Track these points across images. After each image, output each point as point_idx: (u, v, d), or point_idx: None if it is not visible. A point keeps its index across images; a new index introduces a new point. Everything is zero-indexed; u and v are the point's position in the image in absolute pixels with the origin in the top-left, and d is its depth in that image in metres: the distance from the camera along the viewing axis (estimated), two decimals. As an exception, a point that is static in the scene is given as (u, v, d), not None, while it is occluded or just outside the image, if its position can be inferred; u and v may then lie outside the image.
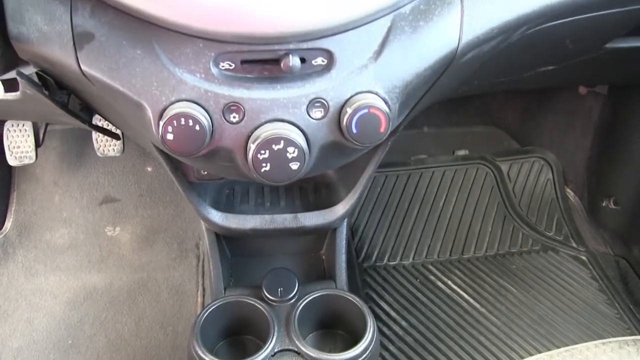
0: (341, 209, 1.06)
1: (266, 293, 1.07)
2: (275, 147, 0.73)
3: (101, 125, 1.34)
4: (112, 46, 0.73)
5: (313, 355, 0.99)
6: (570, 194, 1.78)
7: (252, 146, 0.73)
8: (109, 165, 1.75)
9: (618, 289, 1.52)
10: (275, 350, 1.01)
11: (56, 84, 0.89)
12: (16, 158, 1.56)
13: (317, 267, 1.26)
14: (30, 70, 0.85)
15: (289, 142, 0.73)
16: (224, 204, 1.14)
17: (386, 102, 0.74)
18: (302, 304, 1.06)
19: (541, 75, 1.16)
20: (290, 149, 0.73)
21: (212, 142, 0.74)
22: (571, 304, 1.47)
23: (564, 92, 1.74)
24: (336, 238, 1.17)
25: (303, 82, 0.74)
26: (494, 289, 1.51)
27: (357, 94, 0.74)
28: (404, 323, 1.41)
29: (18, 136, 1.55)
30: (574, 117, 1.74)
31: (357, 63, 0.74)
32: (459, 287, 1.51)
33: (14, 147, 1.55)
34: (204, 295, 1.51)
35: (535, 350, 1.36)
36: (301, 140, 0.74)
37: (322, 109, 0.74)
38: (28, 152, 1.56)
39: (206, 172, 1.07)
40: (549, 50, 1.01)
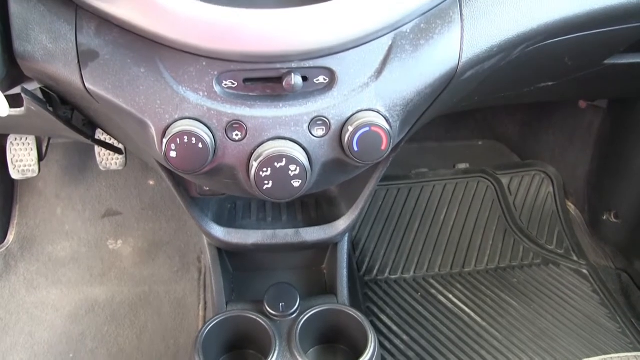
0: (342, 224, 1.07)
1: (268, 308, 1.07)
2: (277, 164, 0.74)
3: (104, 139, 1.35)
4: (116, 64, 0.74)
5: (315, 370, 0.99)
6: (571, 207, 1.78)
7: (254, 164, 0.74)
8: (111, 178, 1.75)
9: (620, 303, 1.52)
10: (277, 364, 1.01)
11: (60, 100, 0.90)
12: (19, 172, 1.57)
13: (319, 281, 1.26)
14: (34, 85, 0.86)
15: (291, 160, 0.73)
16: (226, 219, 1.15)
17: (387, 120, 0.75)
18: (304, 319, 1.06)
19: (541, 91, 1.17)
20: (292, 166, 0.74)
21: (214, 160, 0.75)
22: (573, 318, 1.47)
23: (564, 106, 1.75)
24: (338, 252, 1.17)
25: (305, 100, 0.75)
26: (495, 303, 1.50)
27: (358, 112, 0.75)
28: (405, 337, 1.41)
29: (21, 150, 1.56)
30: (574, 131, 1.75)
31: (359, 81, 0.75)
32: (460, 300, 1.50)
33: (17, 161, 1.56)
34: (205, 309, 1.51)
35: (537, 364, 1.36)
36: (303, 158, 0.74)
37: (324, 127, 0.75)
38: (31, 166, 1.57)
39: (208, 188, 1.08)
40: (548, 66, 1.02)
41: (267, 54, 0.71)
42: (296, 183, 0.76)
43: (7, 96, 0.88)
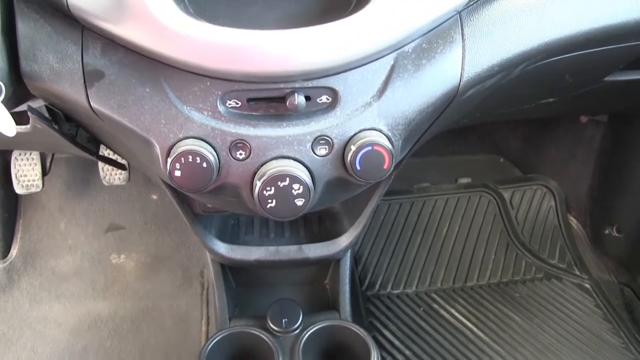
0: (345, 241, 1.08)
1: (271, 324, 1.08)
2: (280, 183, 0.74)
3: (107, 155, 1.36)
4: (121, 84, 0.75)
5: (318, 386, 0.99)
6: (573, 221, 1.78)
7: (258, 183, 0.75)
8: (114, 193, 1.76)
9: (623, 318, 1.51)
10: (280, 380, 1.02)
11: (64, 117, 0.91)
12: (23, 186, 1.58)
13: (321, 296, 1.26)
14: (39, 102, 0.87)
15: (294, 179, 0.74)
16: (229, 235, 1.15)
17: (389, 139, 0.76)
18: (307, 335, 1.07)
19: (542, 106, 1.17)
20: (295, 185, 0.74)
21: (218, 179, 0.76)
22: (576, 333, 1.46)
23: (565, 120, 1.75)
24: (340, 268, 1.18)
25: (308, 119, 0.75)
26: (497, 318, 1.50)
27: (361, 131, 0.75)
28: (407, 352, 1.41)
29: (25, 165, 1.57)
30: (575, 145, 1.75)
31: (361, 101, 0.75)
32: (463, 315, 1.50)
33: (21, 176, 1.57)
34: (208, 324, 1.51)
35: (540, 380, 1.36)
36: (306, 177, 0.75)
37: (327, 146, 0.76)
38: (35, 181, 1.58)
39: (212, 205, 1.09)
40: (549, 84, 1.03)
41: (271, 74, 0.72)
42: (299, 202, 0.76)
43: (12, 113, 0.89)
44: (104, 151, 1.37)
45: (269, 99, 0.75)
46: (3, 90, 0.71)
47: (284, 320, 1.08)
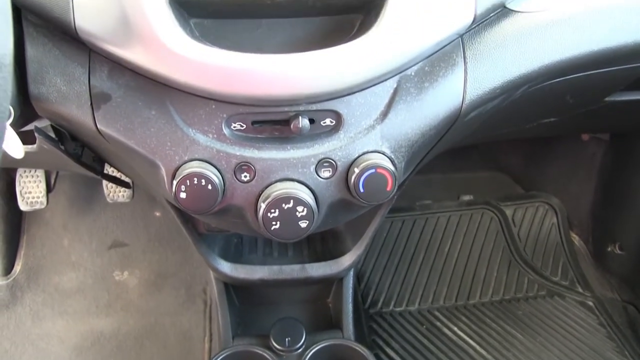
0: (348, 260, 1.08)
1: (274, 343, 1.08)
2: (285, 206, 0.75)
3: (112, 173, 1.37)
4: (128, 107, 0.76)
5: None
6: (576, 238, 1.78)
7: (262, 205, 0.75)
8: (118, 209, 1.76)
9: (627, 336, 1.51)
10: (283, 400, 1.02)
11: (70, 136, 0.92)
12: (27, 203, 1.59)
13: (324, 314, 1.26)
14: (45, 122, 0.88)
15: (299, 201, 0.75)
16: (233, 253, 1.16)
17: (392, 162, 0.76)
18: (310, 354, 1.07)
19: (543, 126, 1.18)
20: (299, 207, 0.75)
21: (223, 201, 0.76)
22: (579, 352, 1.46)
23: (566, 137, 1.76)
24: (343, 287, 1.18)
25: (312, 142, 0.76)
26: (500, 336, 1.50)
27: (364, 153, 0.76)
28: (410, 370, 1.41)
29: (30, 182, 1.58)
30: (577, 162, 1.76)
31: (365, 124, 0.76)
32: (465, 333, 1.50)
33: (26, 193, 1.58)
34: (211, 341, 1.51)
35: (543, 399, 1.35)
36: (310, 199, 0.76)
37: (331, 169, 0.76)
38: (39, 198, 1.59)
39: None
40: (550, 104, 1.04)
41: (275, 98, 0.73)
42: (303, 224, 0.77)
43: (18, 133, 0.90)
44: (108, 169, 1.38)
45: (274, 121, 0.75)
46: (12, 113, 0.72)
47: (287, 339, 1.08)
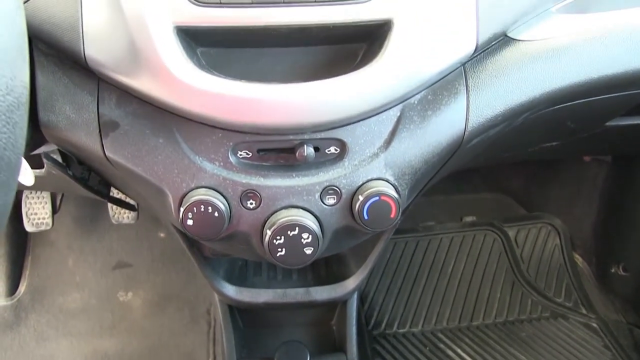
0: (352, 284, 1.09)
1: (278, 366, 1.08)
2: (290, 233, 0.76)
3: (117, 196, 1.38)
4: (135, 134, 0.77)
5: None
6: (579, 259, 1.78)
7: (268, 232, 0.76)
8: (122, 230, 1.77)
9: (633, 360, 1.51)
10: None
11: (77, 160, 0.93)
12: (33, 225, 1.60)
13: (328, 337, 1.27)
14: (52, 146, 0.89)
15: (304, 228, 0.76)
16: (237, 276, 1.16)
17: (396, 189, 0.77)
18: (314, 378, 1.07)
19: (545, 149, 1.19)
20: (304, 234, 0.76)
21: (229, 227, 0.77)
22: (584, 374, 1.46)
23: (568, 159, 1.77)
24: (347, 310, 1.18)
25: (317, 170, 0.77)
26: (504, 357, 1.49)
27: (368, 181, 0.77)
28: (414, 392, 1.41)
29: (36, 203, 1.59)
30: (579, 183, 1.77)
31: (368, 151, 0.77)
32: (469, 355, 1.50)
33: (32, 214, 1.59)
34: (214, 362, 1.51)
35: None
36: (315, 226, 0.77)
37: (335, 196, 0.77)
38: (45, 219, 1.60)
39: (221, 250, 1.10)
40: (551, 129, 1.05)
41: (281, 127, 0.74)
42: (308, 250, 0.78)
43: (26, 157, 0.91)
44: (114, 191, 1.39)
45: (279, 150, 0.76)
46: (23, 143, 0.73)
47: (291, 362, 1.08)
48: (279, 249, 0.77)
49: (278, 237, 0.76)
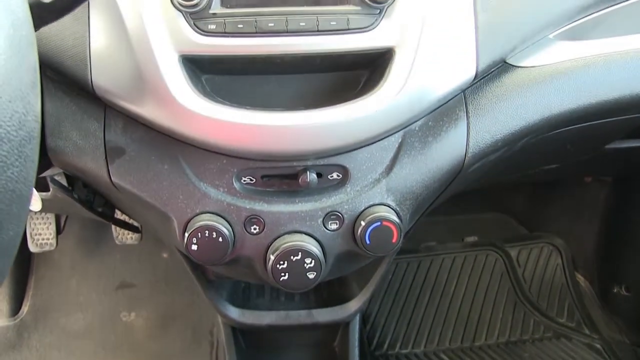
0: (354, 305, 1.09)
1: (281, 388, 1.08)
2: (293, 258, 0.77)
3: (121, 217, 1.39)
4: (141, 161, 0.78)
5: None
6: (581, 279, 1.78)
7: (271, 257, 0.77)
8: (125, 251, 1.77)
9: (636, 380, 1.50)
10: None
11: (82, 183, 0.94)
12: (37, 245, 1.61)
13: (331, 358, 1.27)
14: (58, 169, 0.90)
15: (307, 253, 0.77)
16: (240, 298, 1.17)
17: (398, 214, 0.78)
18: (316, 400, 1.07)
19: (545, 171, 1.20)
20: (307, 259, 0.77)
21: (233, 252, 0.78)
22: (588, 396, 1.45)
23: (570, 179, 1.78)
24: (349, 332, 1.19)
25: (320, 195, 0.78)
26: (507, 378, 1.49)
27: (370, 206, 0.78)
28: (417, 414, 1.40)
29: (40, 224, 1.60)
30: (580, 203, 1.77)
31: (370, 177, 0.78)
32: (472, 376, 1.50)
33: (36, 235, 1.60)
34: (217, 384, 1.51)
35: None
36: (317, 251, 0.78)
37: (338, 221, 0.78)
38: (49, 240, 1.61)
39: (225, 273, 1.11)
40: (551, 153, 1.06)
41: (284, 153, 0.75)
42: (311, 275, 0.78)
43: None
44: (118, 213, 1.40)
45: (282, 176, 0.78)
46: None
47: (294, 385, 1.09)
48: (282, 274, 0.78)
49: (281, 262, 0.77)
